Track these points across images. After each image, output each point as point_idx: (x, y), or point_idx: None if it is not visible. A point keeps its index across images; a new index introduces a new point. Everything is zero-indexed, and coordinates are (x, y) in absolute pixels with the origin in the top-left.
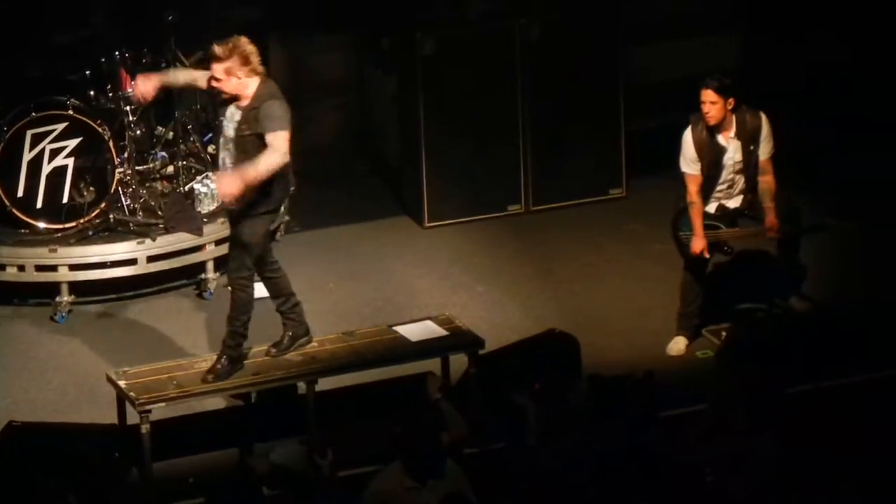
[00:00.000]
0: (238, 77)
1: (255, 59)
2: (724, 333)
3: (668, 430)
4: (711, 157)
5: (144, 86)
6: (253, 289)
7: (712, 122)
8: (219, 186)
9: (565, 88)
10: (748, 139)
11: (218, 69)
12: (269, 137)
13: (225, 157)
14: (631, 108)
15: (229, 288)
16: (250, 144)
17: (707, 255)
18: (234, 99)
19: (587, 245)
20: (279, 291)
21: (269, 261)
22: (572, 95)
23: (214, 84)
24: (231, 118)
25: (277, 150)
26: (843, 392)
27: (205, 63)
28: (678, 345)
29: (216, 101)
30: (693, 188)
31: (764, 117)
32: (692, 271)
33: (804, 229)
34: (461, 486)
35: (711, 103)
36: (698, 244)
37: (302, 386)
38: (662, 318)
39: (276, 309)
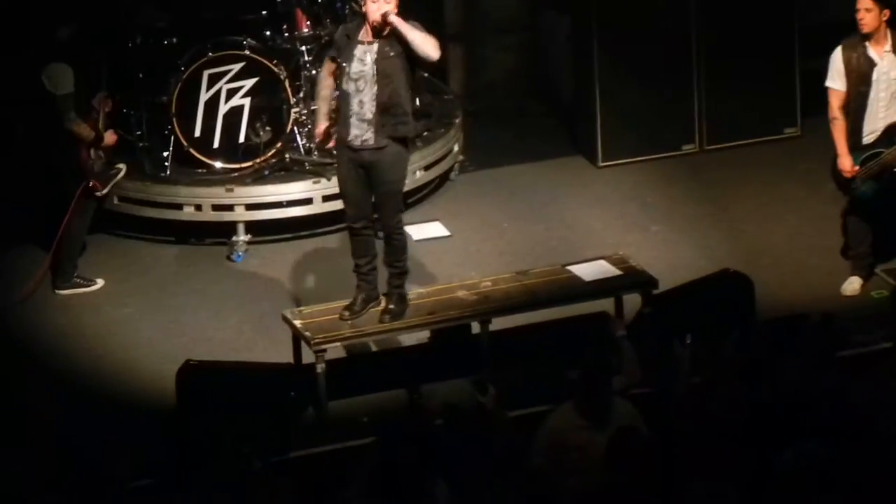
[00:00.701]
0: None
1: None
2: None
3: (846, 372)
4: (862, 72)
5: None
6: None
7: (865, 29)
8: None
9: (739, 26)
10: None
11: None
12: (415, 27)
13: (363, 96)
14: (806, 46)
15: (383, 237)
16: (390, 66)
17: (854, 173)
18: (357, 39)
19: (761, 184)
20: (367, 250)
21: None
22: (746, 33)
23: (381, 8)
24: (366, 54)
25: (433, 40)
26: None
27: None
28: (853, 285)
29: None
30: (835, 103)
31: None
32: (857, 211)
33: None
34: (633, 424)
35: (866, 10)
36: (845, 162)
37: (476, 325)
38: (837, 258)
39: (358, 268)
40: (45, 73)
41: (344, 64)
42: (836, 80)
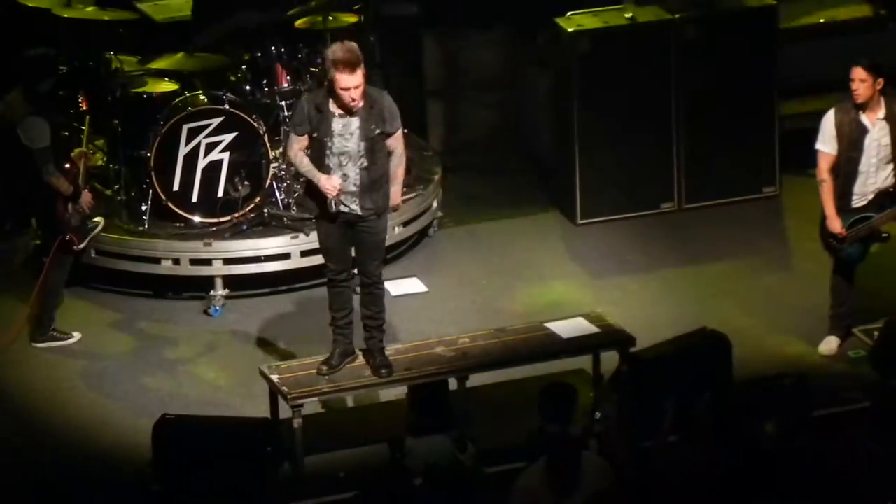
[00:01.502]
0: (363, 82)
1: None
2: (876, 333)
3: (822, 432)
4: (853, 137)
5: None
6: None
7: (860, 99)
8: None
9: (720, 86)
10: (895, 121)
11: (359, 77)
12: (397, 138)
13: (347, 170)
14: (786, 106)
15: (362, 290)
16: (377, 143)
17: (843, 235)
18: (331, 112)
19: (740, 243)
20: (346, 302)
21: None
22: (726, 92)
23: (353, 94)
24: (346, 129)
25: (403, 148)
26: None
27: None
28: (830, 344)
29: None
30: (825, 165)
31: None
32: (842, 271)
33: None
34: (605, 483)
35: (861, 81)
36: (835, 224)
37: (453, 382)
38: (815, 317)
39: (335, 321)
40: (20, 127)
41: (325, 139)
42: (827, 144)
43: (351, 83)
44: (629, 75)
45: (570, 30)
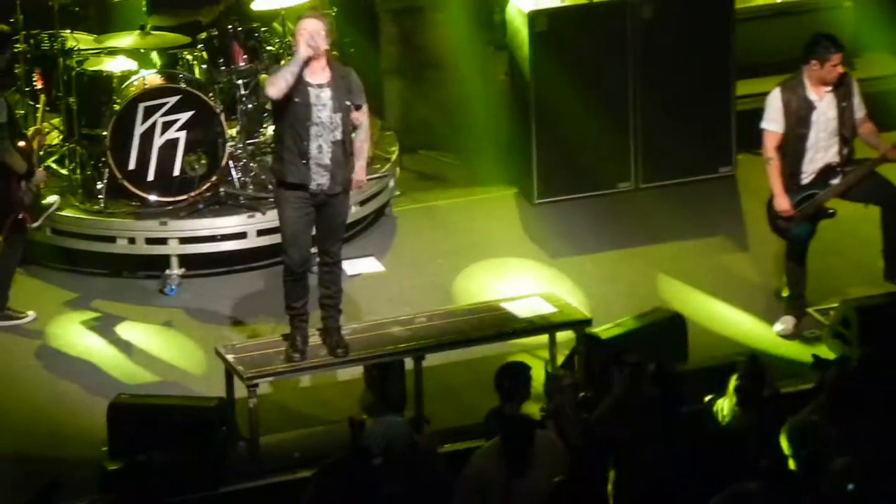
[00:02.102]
0: (327, 43)
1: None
2: (832, 313)
3: (776, 410)
4: (801, 114)
5: None
6: None
7: (836, 80)
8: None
9: (676, 66)
10: (842, 96)
11: (315, 24)
12: (364, 112)
13: (322, 142)
14: (742, 86)
15: (322, 268)
16: (347, 116)
17: (790, 214)
18: (306, 81)
19: (696, 223)
20: (305, 291)
21: None
22: (683, 73)
23: (308, 42)
24: (319, 100)
25: (368, 123)
26: None
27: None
28: (786, 324)
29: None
30: (771, 144)
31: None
32: (794, 253)
33: None
34: (558, 462)
35: (840, 64)
36: (782, 202)
37: (409, 361)
38: (771, 297)
39: (295, 311)
40: None
41: (305, 106)
42: (773, 122)
43: (310, 27)
44: (586, 55)
45: (527, 9)
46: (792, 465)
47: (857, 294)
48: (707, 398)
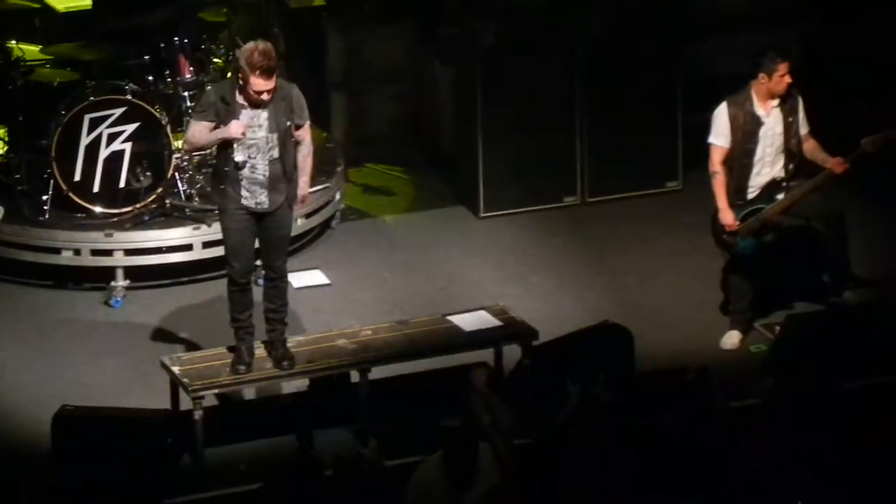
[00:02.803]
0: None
1: None
2: (777, 328)
3: (725, 425)
4: (748, 129)
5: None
6: None
7: (785, 91)
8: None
9: (624, 80)
10: (788, 111)
11: (273, 81)
12: (306, 129)
13: (256, 163)
14: (689, 102)
15: (266, 283)
16: (287, 135)
17: (735, 229)
18: (239, 105)
19: (642, 237)
20: (250, 303)
21: None
22: (630, 87)
23: (266, 96)
24: (254, 120)
25: (311, 139)
26: None
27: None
28: (732, 339)
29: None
30: (717, 158)
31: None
32: (738, 267)
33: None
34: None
35: (788, 73)
36: (727, 217)
37: (355, 374)
38: (717, 311)
39: (240, 322)
40: None
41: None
42: (719, 137)
43: (265, 87)
44: (533, 68)
45: (474, 23)
46: None
47: (803, 309)
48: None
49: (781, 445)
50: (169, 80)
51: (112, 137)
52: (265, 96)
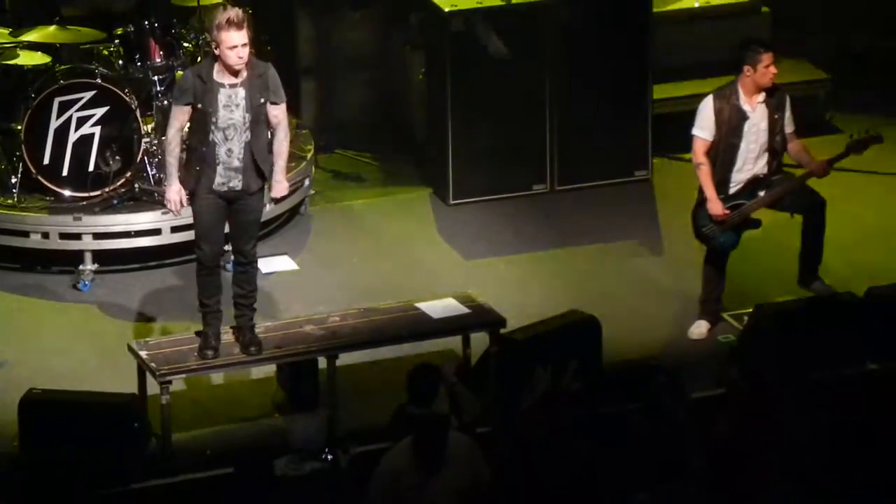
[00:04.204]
0: (251, 48)
1: None
2: (745, 318)
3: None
4: (733, 124)
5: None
6: None
7: (772, 83)
8: (280, 196)
9: (593, 69)
10: (774, 108)
11: (245, 35)
12: (283, 109)
13: (232, 145)
14: (659, 90)
15: (236, 268)
16: (262, 115)
17: (724, 218)
18: (217, 83)
19: (611, 226)
20: (218, 288)
21: None
22: (600, 75)
23: (241, 52)
24: (231, 100)
25: (287, 123)
26: (869, 378)
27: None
28: (700, 328)
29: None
30: (701, 149)
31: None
32: (714, 260)
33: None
34: (473, 464)
35: (775, 65)
36: (716, 206)
37: (322, 360)
38: (685, 300)
39: (208, 307)
40: None
41: (209, 111)
42: (704, 130)
43: (238, 41)
44: (502, 57)
45: (445, 9)
46: None
47: (772, 299)
48: None
49: (743, 435)
50: (139, 63)
51: (81, 121)
52: (240, 52)
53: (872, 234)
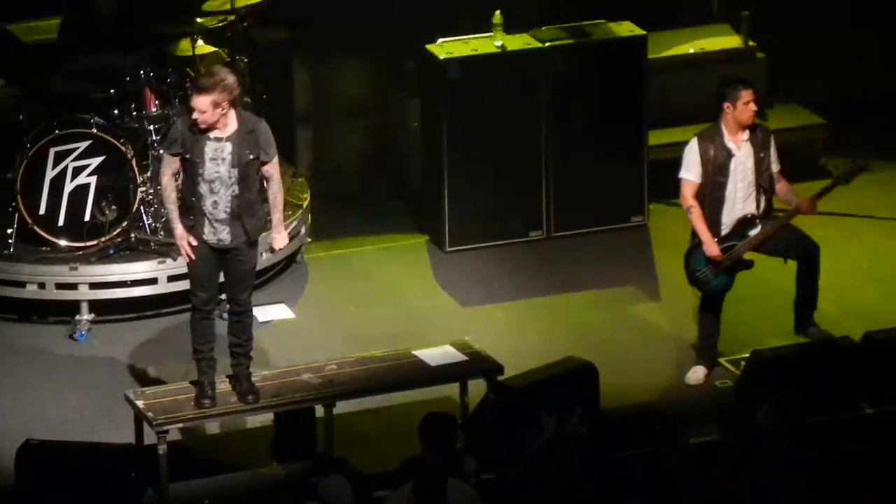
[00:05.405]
0: (222, 108)
1: (238, 89)
2: (742, 363)
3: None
4: (719, 162)
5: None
6: None
7: (752, 120)
8: (280, 247)
9: (589, 115)
10: (759, 146)
11: (204, 101)
12: (274, 165)
13: (218, 197)
14: (654, 136)
15: (231, 317)
16: (251, 169)
17: (721, 259)
18: (205, 135)
19: (608, 272)
20: (212, 333)
21: None
22: (596, 122)
23: (199, 118)
24: (218, 153)
25: (279, 176)
26: (867, 423)
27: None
28: (697, 374)
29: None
30: (689, 192)
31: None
32: (709, 305)
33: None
34: None
35: (755, 101)
36: (713, 248)
37: (320, 409)
38: (682, 346)
39: (202, 354)
40: None
41: (196, 161)
42: (691, 172)
43: (198, 105)
44: (499, 103)
45: (441, 56)
46: None
47: (769, 344)
48: None
49: (739, 480)
50: (135, 113)
51: (77, 171)
52: (197, 116)
53: (867, 278)
